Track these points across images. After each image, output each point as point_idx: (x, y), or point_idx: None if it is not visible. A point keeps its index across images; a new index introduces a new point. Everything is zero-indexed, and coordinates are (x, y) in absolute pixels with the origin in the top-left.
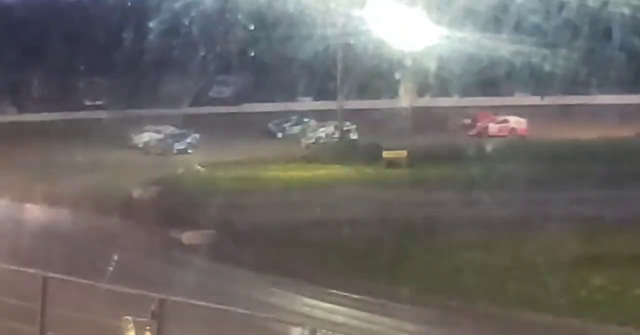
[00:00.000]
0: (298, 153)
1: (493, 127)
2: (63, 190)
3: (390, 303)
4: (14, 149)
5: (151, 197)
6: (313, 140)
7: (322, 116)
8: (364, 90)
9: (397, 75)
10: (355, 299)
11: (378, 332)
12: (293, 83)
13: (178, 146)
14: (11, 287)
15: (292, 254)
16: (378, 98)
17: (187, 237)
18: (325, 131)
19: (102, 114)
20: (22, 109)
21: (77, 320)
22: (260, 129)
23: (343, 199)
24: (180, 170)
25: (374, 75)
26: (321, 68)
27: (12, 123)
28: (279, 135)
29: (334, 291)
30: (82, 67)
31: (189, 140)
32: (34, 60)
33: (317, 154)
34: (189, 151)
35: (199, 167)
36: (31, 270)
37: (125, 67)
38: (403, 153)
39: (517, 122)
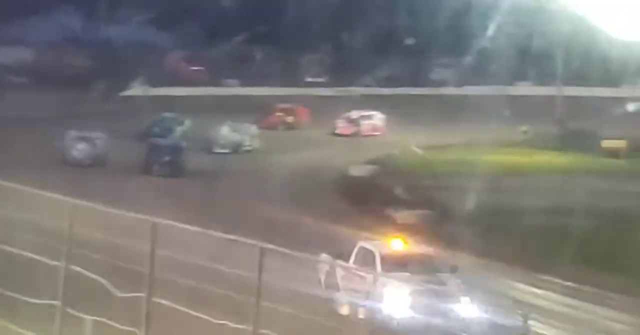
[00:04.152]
0: (514, 138)
1: (365, 125)
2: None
3: (603, 292)
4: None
5: (367, 176)
6: (228, 150)
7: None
8: (584, 77)
9: (621, 65)
10: (567, 286)
11: (590, 320)
12: (510, 67)
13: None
14: (229, 257)
15: (506, 238)
16: (596, 86)
17: (402, 216)
18: (235, 137)
19: (322, 91)
20: (244, 83)
21: (291, 292)
22: (474, 112)
23: (559, 186)
24: (396, 151)
25: (595, 63)
26: (542, 54)
27: (235, 96)
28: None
29: (546, 277)
30: (306, 44)
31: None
32: (260, 35)
33: (534, 140)
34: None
35: (416, 149)
36: (248, 241)
37: (347, 45)
38: (623, 142)
39: (380, 119)
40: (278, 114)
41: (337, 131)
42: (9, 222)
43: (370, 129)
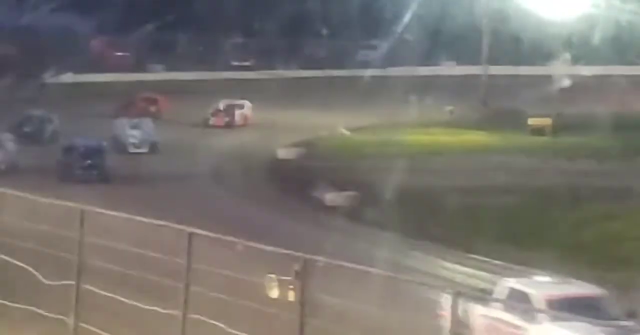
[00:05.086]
0: (440, 118)
1: (237, 115)
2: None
3: (530, 269)
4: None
5: (295, 159)
6: (144, 149)
7: None
8: (509, 56)
9: (545, 43)
10: (495, 265)
11: None
12: (437, 48)
13: None
14: (158, 242)
15: (434, 218)
16: (523, 64)
17: (330, 198)
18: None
19: (248, 75)
20: (170, 67)
21: (220, 277)
22: (400, 93)
23: (486, 164)
24: (324, 133)
25: (519, 42)
26: (466, 33)
27: (160, 81)
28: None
29: (475, 256)
30: (230, 28)
31: None
32: (183, 19)
33: (460, 120)
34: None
35: (343, 130)
36: (177, 226)
37: (273, 29)
38: (548, 120)
39: (248, 108)
40: (141, 104)
41: (210, 122)
42: None
43: (242, 118)
